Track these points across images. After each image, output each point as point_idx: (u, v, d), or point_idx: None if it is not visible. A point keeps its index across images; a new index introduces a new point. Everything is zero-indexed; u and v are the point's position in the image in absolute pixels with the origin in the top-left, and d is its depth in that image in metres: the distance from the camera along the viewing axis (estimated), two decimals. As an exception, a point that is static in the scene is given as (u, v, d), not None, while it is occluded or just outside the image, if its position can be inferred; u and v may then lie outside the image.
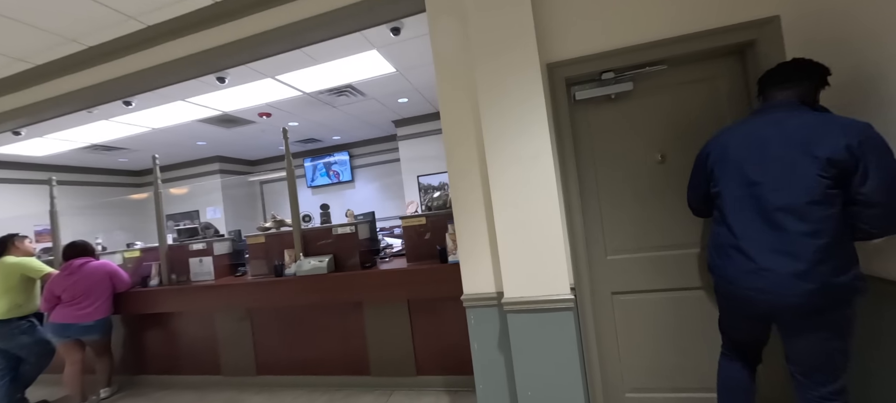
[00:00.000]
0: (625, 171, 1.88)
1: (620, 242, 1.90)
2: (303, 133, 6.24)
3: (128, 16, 2.38)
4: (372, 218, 3.11)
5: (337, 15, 2.27)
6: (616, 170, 1.89)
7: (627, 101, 1.89)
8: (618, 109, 1.90)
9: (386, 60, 3.69)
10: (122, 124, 4.57)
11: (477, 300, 1.91)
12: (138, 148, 5.79)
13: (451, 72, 1.95)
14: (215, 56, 2.55)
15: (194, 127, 5.05)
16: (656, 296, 1.87)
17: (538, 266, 1.72)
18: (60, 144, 5.06)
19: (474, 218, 1.91)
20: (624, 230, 1.89)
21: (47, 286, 2.88)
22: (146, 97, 3.32)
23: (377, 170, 7.32)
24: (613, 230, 1.91)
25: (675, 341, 1.85)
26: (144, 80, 2.76)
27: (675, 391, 1.87)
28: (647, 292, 1.88)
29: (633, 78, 1.85)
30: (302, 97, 4.40)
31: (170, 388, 3.14)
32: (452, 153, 1.95)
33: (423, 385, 2.60)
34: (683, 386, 1.85)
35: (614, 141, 1.90)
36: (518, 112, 1.74)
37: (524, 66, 1.74)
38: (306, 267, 2.69)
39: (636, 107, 1.89)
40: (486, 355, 1.93)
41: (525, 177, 1.73)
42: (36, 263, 2.99)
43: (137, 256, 3.37)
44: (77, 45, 2.65)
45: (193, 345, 3.14)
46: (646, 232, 1.86)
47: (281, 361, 2.92)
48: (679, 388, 1.86)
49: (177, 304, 3.06)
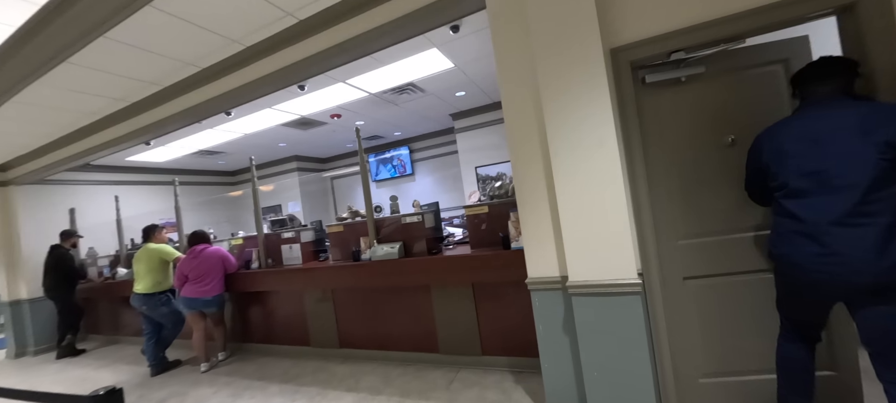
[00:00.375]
0: (695, 155, 1.84)
1: (691, 226, 1.86)
2: (368, 131, 6.69)
3: (232, 40, 2.82)
4: (437, 208, 3.31)
5: (403, 21, 2.45)
6: (685, 154, 1.85)
7: (698, 83, 1.84)
8: (688, 91, 1.85)
9: (445, 57, 3.85)
10: (222, 132, 5.33)
11: (541, 284, 2.00)
12: (233, 151, 6.68)
13: (511, 64, 2.04)
14: (298, 68, 2.90)
15: (277, 131, 5.70)
16: (729, 280, 1.82)
17: (603, 252, 1.77)
18: (176, 151, 6.05)
19: (538, 205, 1.99)
20: (695, 215, 1.85)
21: (178, 267, 3.53)
22: (242, 108, 3.87)
23: (436, 162, 7.59)
24: (684, 215, 1.87)
25: (749, 323, 1.80)
26: (242, 94, 3.23)
27: (750, 373, 1.82)
28: (719, 275, 1.84)
29: (704, 61, 1.79)
30: (368, 98, 4.75)
31: (269, 355, 3.68)
32: (515, 144, 2.04)
33: (488, 364, 2.76)
34: (758, 368, 1.79)
35: (683, 125, 1.85)
36: (581, 100, 1.78)
37: (586, 53, 1.77)
38: (380, 253, 2.97)
39: (706, 89, 1.83)
40: (551, 336, 2.02)
41: (589, 164, 1.78)
42: (170, 249, 3.69)
43: (241, 243, 3.96)
44: (194, 68, 3.19)
45: (287, 319, 3.64)
46: (717, 216, 1.82)
47: (360, 336, 3.27)
48: (754, 370, 1.80)
49: (272, 284, 3.56)
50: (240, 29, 2.69)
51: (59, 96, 3.35)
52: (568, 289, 1.85)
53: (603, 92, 1.75)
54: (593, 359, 1.83)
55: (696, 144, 1.83)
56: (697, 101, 1.84)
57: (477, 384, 2.56)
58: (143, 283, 3.54)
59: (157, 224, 3.76)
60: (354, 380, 2.87)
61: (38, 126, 4.00)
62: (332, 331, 3.37)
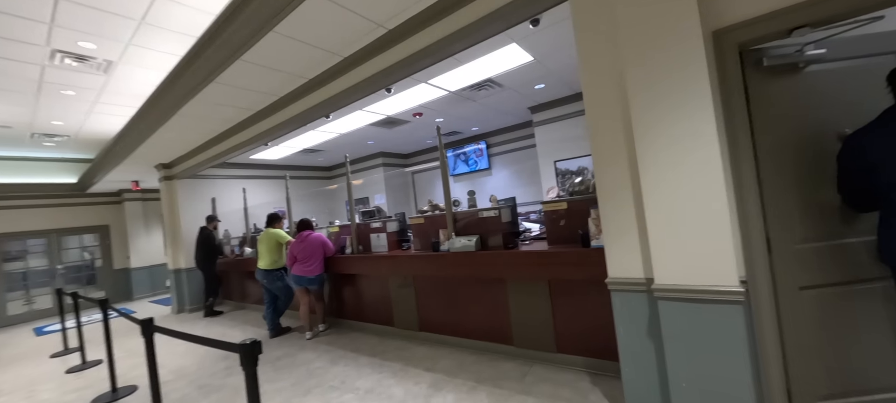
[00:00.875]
0: (815, 149, 1.60)
1: (810, 229, 1.62)
2: (446, 127, 6.94)
3: (333, 53, 3.21)
4: (513, 203, 3.34)
5: (484, 21, 2.53)
6: (803, 148, 1.62)
7: (817, 70, 1.59)
8: (806, 78, 1.62)
9: (524, 51, 3.82)
10: (321, 132, 6.07)
11: (622, 284, 1.93)
12: (330, 149, 7.53)
13: (594, 53, 1.97)
14: (387, 73, 3.18)
15: (366, 130, 6.27)
16: (854, 289, 1.57)
17: (697, 254, 1.64)
18: (286, 150, 7.05)
19: (620, 201, 1.91)
20: (815, 216, 1.62)
21: (289, 249, 4.17)
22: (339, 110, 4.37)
23: (513, 157, 7.54)
24: (802, 216, 1.64)
25: (878, 337, 1.54)
26: (339, 99, 3.65)
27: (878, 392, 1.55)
28: (842, 284, 1.59)
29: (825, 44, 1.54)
30: (447, 96, 4.94)
31: (359, 331, 4.14)
32: (597, 136, 1.97)
33: (563, 362, 2.73)
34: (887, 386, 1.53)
35: (800, 115, 1.62)
36: (673, 87, 1.66)
37: (680, 36, 1.64)
38: (457, 245, 3.13)
39: (827, 77, 1.57)
40: (633, 340, 1.93)
41: (682, 158, 1.66)
42: (284, 234, 4.37)
43: (336, 231, 4.50)
44: (301, 80, 3.71)
45: (374, 300, 4.04)
46: (841, 217, 1.58)
47: (438, 321, 3.49)
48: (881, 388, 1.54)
49: (362, 268, 3.98)
50: (338, 42, 3.06)
51: (206, 109, 4.20)
52: (653, 292, 1.75)
53: (700, 78, 1.61)
54: (682, 369, 1.72)
55: (815, 136, 1.60)
56: (817, 89, 1.60)
57: (551, 380, 2.56)
58: (264, 260, 4.27)
59: (278, 213, 4.49)
60: (432, 362, 3.09)
61: (190, 133, 5.06)
62: (413, 315, 3.66)
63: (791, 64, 1.66)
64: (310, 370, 3.24)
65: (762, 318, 1.66)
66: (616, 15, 1.80)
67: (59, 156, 6.68)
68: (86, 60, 3.50)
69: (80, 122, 5.03)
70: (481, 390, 2.54)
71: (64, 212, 7.84)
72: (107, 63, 3.59)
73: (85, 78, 3.84)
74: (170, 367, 3.71)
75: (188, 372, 3.53)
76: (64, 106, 4.48)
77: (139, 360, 3.99)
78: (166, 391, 3.16)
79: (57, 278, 7.76)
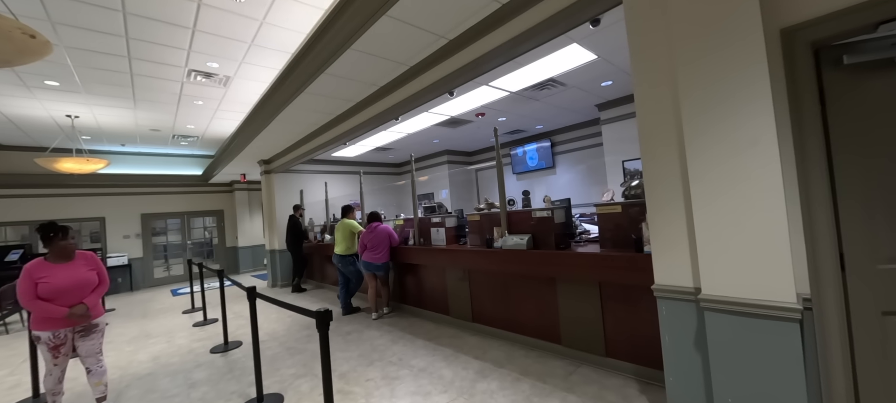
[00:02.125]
0: None
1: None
2: (510, 126, 7.00)
3: (400, 63, 3.55)
4: (567, 204, 3.35)
5: (540, 27, 2.60)
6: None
7: None
8: None
9: (586, 50, 3.76)
10: (392, 133, 6.58)
11: (670, 292, 1.91)
12: (399, 148, 8.09)
13: (645, 50, 1.94)
14: (449, 79, 3.41)
15: (432, 130, 6.64)
16: None
17: (749, 266, 1.58)
18: (361, 149, 7.77)
19: (670, 207, 1.89)
20: None
21: (360, 238, 4.68)
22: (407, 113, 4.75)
23: (578, 155, 7.30)
24: (890, 233, 1.45)
25: None
26: (407, 104, 4.00)
27: None
28: None
29: None
30: (509, 96, 5.03)
31: (418, 317, 4.49)
32: (647, 139, 1.96)
33: (611, 366, 2.71)
34: None
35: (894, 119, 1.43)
36: (727, 91, 1.61)
37: (738, 35, 1.58)
38: (510, 243, 3.25)
39: None
40: (679, 350, 1.90)
41: (736, 164, 1.60)
42: (356, 224, 4.92)
43: (401, 223, 4.91)
44: (374, 87, 4.14)
45: (432, 290, 4.35)
46: None
47: (489, 314, 3.66)
48: None
49: (423, 259, 4.31)
50: (405, 54, 3.38)
51: (298, 114, 4.89)
52: (700, 301, 1.72)
53: (759, 79, 1.53)
54: (728, 384, 1.66)
55: None
56: None
57: (597, 383, 2.58)
58: (340, 247, 4.86)
59: (351, 205, 5.07)
60: (482, 351, 3.27)
61: (285, 134, 5.90)
62: (467, 306, 3.87)
63: (886, 59, 1.48)
64: (373, 345, 3.66)
65: (830, 341, 1.54)
66: (668, 10, 1.77)
67: (190, 153, 8.26)
68: (211, 77, 4.35)
69: (205, 125, 6.19)
70: (525, 382, 2.66)
71: (192, 198, 9.64)
72: (226, 78, 4.41)
73: (210, 91, 4.76)
74: (265, 330, 4.46)
75: (278, 336, 4.21)
76: (195, 113, 5.58)
77: (244, 321, 4.85)
78: (262, 349, 3.83)
79: (187, 251, 9.60)
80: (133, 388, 3.12)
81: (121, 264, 8.24)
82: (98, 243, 8.34)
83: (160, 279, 9.09)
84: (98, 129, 6.04)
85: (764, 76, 1.53)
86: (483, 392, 2.56)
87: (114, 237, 8.45)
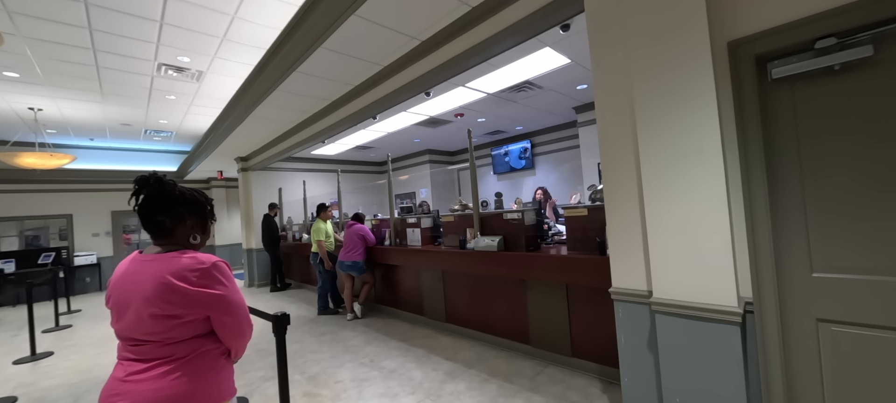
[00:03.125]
0: (852, 166, 1.44)
1: (840, 258, 1.48)
2: (489, 127, 7.04)
3: (373, 62, 3.54)
4: (538, 206, 3.40)
5: (509, 31, 2.63)
6: (838, 166, 1.47)
7: (860, 72, 1.44)
8: (844, 84, 1.46)
9: (559, 54, 3.81)
10: (371, 131, 6.54)
11: (625, 295, 1.96)
12: (380, 146, 8.04)
13: (605, 57, 1.99)
14: (424, 80, 3.41)
15: (412, 129, 6.62)
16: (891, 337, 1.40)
17: (695, 271, 1.64)
18: (341, 147, 7.69)
19: (626, 212, 1.94)
20: (847, 243, 1.47)
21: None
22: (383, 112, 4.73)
23: (558, 157, 7.41)
24: (827, 242, 1.51)
25: None
26: (382, 103, 3.98)
27: None
28: (879, 328, 1.42)
29: (874, 40, 1.40)
30: (487, 97, 5.06)
31: (393, 317, 4.48)
32: (606, 147, 2.00)
33: (577, 366, 2.77)
34: None
35: (838, 128, 1.47)
36: (677, 100, 1.66)
37: (687, 48, 1.63)
38: (481, 244, 3.28)
39: (875, 80, 1.42)
40: (633, 351, 1.96)
41: (683, 172, 1.65)
42: (323, 227, 4.85)
43: (377, 223, 4.89)
44: (348, 86, 4.11)
45: (408, 291, 4.36)
46: (885, 249, 1.39)
47: (463, 315, 3.69)
48: None
49: (398, 259, 4.30)
50: (377, 53, 3.37)
51: (272, 111, 4.82)
52: (652, 305, 1.77)
53: (706, 91, 1.59)
54: (675, 383, 1.72)
55: (859, 154, 1.43)
56: (860, 97, 1.44)
57: (562, 382, 2.63)
58: (314, 246, 4.80)
59: (325, 204, 5.02)
60: (454, 352, 3.30)
61: (261, 132, 5.80)
62: (441, 307, 3.89)
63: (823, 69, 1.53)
64: (346, 346, 3.64)
65: (768, 343, 1.60)
66: (626, 21, 1.82)
67: (164, 148, 8.02)
68: (183, 71, 4.23)
69: (179, 120, 6.03)
70: (493, 383, 2.70)
71: (167, 195, 9.38)
72: (199, 73, 4.30)
73: (183, 85, 4.64)
74: (237, 331, 4.38)
75: (250, 337, 4.14)
76: (168, 108, 5.42)
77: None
78: (232, 350, 3.77)
79: (161, 249, 9.33)
80: (93, 393, 3.02)
81: (89, 263, 7.96)
82: (65, 240, 8.03)
83: (132, 279, 8.81)
84: (64, 122, 5.81)
85: (710, 88, 1.59)
86: (450, 394, 2.58)
87: (82, 235, 8.15)
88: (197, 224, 1.21)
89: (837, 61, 1.45)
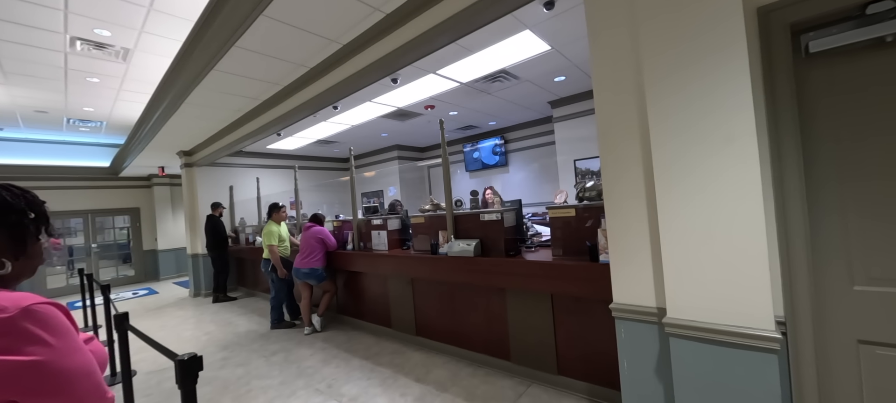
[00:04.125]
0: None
1: (883, 267, 1.24)
2: (461, 121, 6.68)
3: (331, 39, 3.05)
4: (518, 206, 3.08)
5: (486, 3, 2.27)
6: (887, 161, 1.22)
7: None
8: None
9: (540, 39, 3.51)
10: (333, 124, 5.98)
11: (629, 312, 1.65)
12: (344, 141, 7.47)
13: (607, 39, 1.67)
14: (390, 60, 2.97)
15: (378, 122, 6.13)
16: None
17: (723, 286, 1.33)
18: (301, 141, 7.05)
19: (631, 215, 1.62)
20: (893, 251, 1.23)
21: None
22: (346, 101, 4.24)
23: (532, 154, 7.19)
24: (871, 249, 1.26)
25: None
26: (343, 88, 3.49)
27: None
28: None
29: None
30: (459, 88, 4.69)
31: (358, 329, 4.02)
32: (606, 137, 1.67)
33: (564, 386, 2.46)
34: None
35: (885, 113, 1.22)
36: (700, 80, 1.34)
37: (713, 10, 1.31)
38: (456, 249, 2.90)
39: None
40: (639, 377, 1.65)
41: (709, 167, 1.34)
42: (275, 230, 4.28)
43: (339, 225, 4.38)
44: (303, 69, 3.59)
45: (373, 300, 3.90)
46: None
47: (435, 327, 3.30)
48: None
49: (362, 265, 3.84)
50: (334, 28, 2.89)
51: (212, 97, 4.18)
52: (665, 326, 1.46)
53: (739, 69, 1.28)
54: (694, 419, 1.42)
55: None
56: None
57: (548, 404, 2.31)
58: (265, 251, 4.23)
59: (278, 204, 4.44)
60: (425, 371, 2.90)
61: (203, 121, 5.10)
62: (410, 318, 3.48)
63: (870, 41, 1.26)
64: (300, 368, 3.15)
65: (801, 370, 1.34)
66: (633, -10, 1.50)
67: (94, 141, 7.01)
68: (104, 48, 3.54)
69: (108, 108, 5.19)
70: (470, 409, 2.33)
71: (99, 194, 8.27)
72: (124, 51, 3.62)
73: (106, 66, 3.91)
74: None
75: (186, 360, 3.53)
76: (93, 93, 4.62)
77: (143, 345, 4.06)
78: (160, 379, 3.17)
79: (92, 255, 8.22)
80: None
81: None
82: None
83: (56, 291, 7.69)
84: (-46, 107, 4.83)
85: (743, 64, 1.28)
86: (420, 426, 2.19)
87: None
88: (3, 241, 0.75)
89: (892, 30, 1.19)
